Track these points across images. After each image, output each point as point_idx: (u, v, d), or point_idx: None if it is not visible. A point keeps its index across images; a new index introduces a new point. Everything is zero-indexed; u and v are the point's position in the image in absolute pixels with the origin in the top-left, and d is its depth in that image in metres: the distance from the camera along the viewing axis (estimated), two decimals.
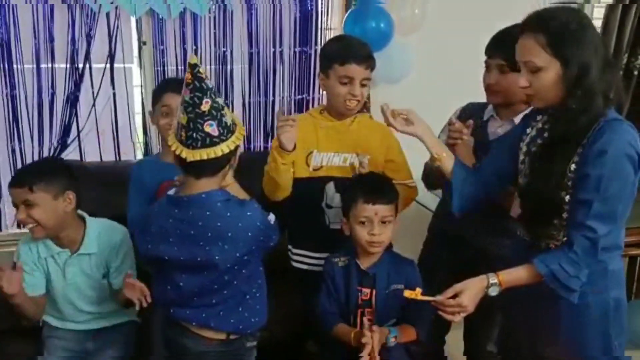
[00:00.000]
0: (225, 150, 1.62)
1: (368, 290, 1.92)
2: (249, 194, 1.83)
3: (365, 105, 2.56)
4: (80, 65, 2.75)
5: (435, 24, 2.79)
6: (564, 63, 1.53)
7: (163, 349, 1.90)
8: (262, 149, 3.10)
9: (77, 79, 2.77)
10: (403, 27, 2.87)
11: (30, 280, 2.07)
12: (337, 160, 2.08)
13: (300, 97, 3.09)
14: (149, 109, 2.37)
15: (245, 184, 1.87)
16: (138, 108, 2.96)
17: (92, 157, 2.88)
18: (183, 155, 1.61)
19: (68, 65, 2.75)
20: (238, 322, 1.75)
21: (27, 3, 2.64)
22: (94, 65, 2.78)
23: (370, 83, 2.09)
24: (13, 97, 2.73)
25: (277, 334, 2.24)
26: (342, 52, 1.99)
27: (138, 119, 2.96)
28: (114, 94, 2.85)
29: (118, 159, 2.91)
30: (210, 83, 1.62)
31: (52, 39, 2.70)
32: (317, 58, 3.01)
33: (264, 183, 2.07)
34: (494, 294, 1.66)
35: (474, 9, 2.97)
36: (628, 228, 1.72)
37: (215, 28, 2.87)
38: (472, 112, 2.16)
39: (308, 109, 3.09)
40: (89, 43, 2.73)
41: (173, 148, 1.64)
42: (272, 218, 1.76)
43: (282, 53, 3.00)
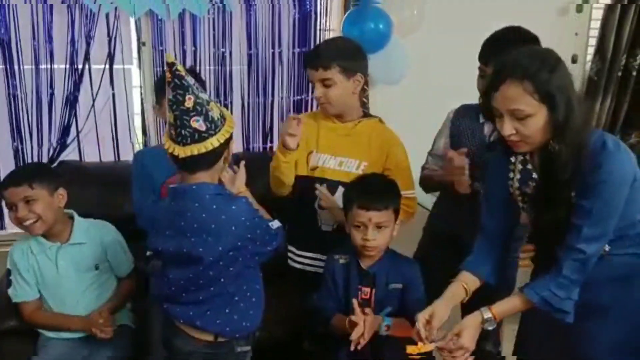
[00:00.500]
0: (215, 144, 1.63)
1: (368, 290, 1.92)
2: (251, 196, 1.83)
3: (365, 106, 2.56)
4: (80, 66, 2.77)
5: (434, 25, 2.80)
6: (551, 107, 1.52)
7: (162, 350, 1.91)
8: (261, 150, 3.12)
9: (76, 80, 2.79)
10: (402, 28, 2.88)
11: (26, 286, 2.14)
12: (332, 163, 2.09)
13: (299, 97, 3.10)
14: (153, 105, 2.37)
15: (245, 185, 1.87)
16: (137, 108, 2.97)
17: (91, 157, 2.90)
18: (175, 153, 1.62)
19: (67, 66, 2.76)
20: (225, 323, 1.73)
21: (26, 3, 2.65)
22: (94, 66, 2.80)
23: (350, 81, 2.02)
24: (14, 97, 2.75)
25: (275, 334, 2.24)
26: (304, 58, 2.10)
27: (137, 120, 2.97)
28: (114, 95, 2.87)
29: (117, 159, 2.92)
30: (191, 79, 1.62)
31: (51, 40, 2.72)
32: None
33: (270, 178, 2.13)
34: (491, 328, 1.68)
35: (472, 10, 2.99)
36: None
37: (215, 29, 2.89)
38: (466, 114, 2.16)
39: (306, 110, 3.10)
40: (89, 44, 2.75)
41: (166, 146, 1.65)
42: (274, 224, 1.76)
43: (281, 54, 3.01)
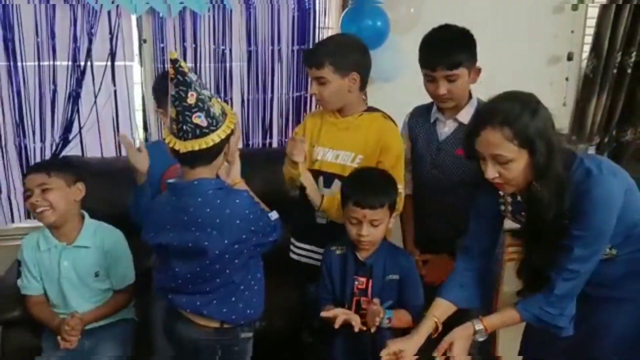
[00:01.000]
0: (216, 140, 1.66)
1: (364, 279, 1.95)
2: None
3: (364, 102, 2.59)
4: (82, 63, 2.81)
5: (431, 23, 2.82)
6: (531, 151, 1.55)
7: (163, 339, 1.95)
8: (260, 145, 3.16)
9: (78, 76, 2.83)
10: (399, 25, 2.91)
11: (34, 280, 2.17)
12: (330, 156, 2.12)
13: (298, 94, 3.14)
14: (156, 109, 2.33)
15: (244, 180, 1.89)
16: (138, 105, 3.01)
17: (93, 152, 2.94)
18: (176, 147, 1.66)
19: (70, 63, 2.81)
20: (231, 312, 1.78)
21: (29, 3, 2.69)
22: (96, 63, 2.84)
23: (345, 79, 2.04)
24: (18, 94, 2.79)
25: (275, 325, 2.28)
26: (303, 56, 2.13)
27: (138, 116, 3.01)
28: (115, 91, 2.91)
29: (119, 155, 2.96)
30: (194, 76, 1.66)
31: (54, 37, 2.76)
32: None
33: (285, 178, 2.18)
34: (482, 339, 1.72)
35: (469, 8, 3.02)
36: None
37: (215, 26, 2.93)
38: (419, 115, 2.22)
39: (305, 107, 3.15)
40: (91, 41, 2.79)
41: (167, 141, 1.69)
42: (273, 215, 1.79)
43: (280, 51, 3.05)
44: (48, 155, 2.89)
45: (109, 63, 2.86)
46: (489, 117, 1.57)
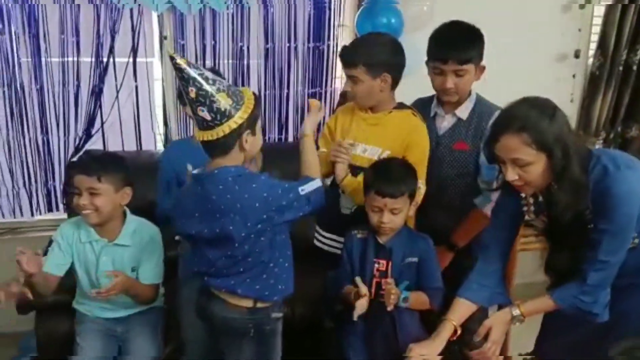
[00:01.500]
0: (220, 134, 1.71)
1: (384, 262, 2.02)
2: None
3: None
4: (105, 59, 2.89)
5: (444, 20, 2.89)
6: (549, 155, 1.62)
7: (191, 320, 2.03)
8: (276, 140, 3.23)
9: (101, 72, 2.90)
10: (412, 23, 2.98)
11: (57, 260, 2.17)
12: (358, 149, 2.15)
13: (314, 90, 3.21)
14: (174, 100, 2.44)
15: None
16: (159, 100, 3.08)
17: (114, 147, 3.00)
18: (197, 135, 1.76)
19: (93, 59, 2.88)
20: (263, 288, 1.85)
21: (55, 3, 2.77)
22: (118, 59, 2.91)
23: (377, 80, 2.06)
24: (41, 89, 2.86)
25: (297, 311, 2.36)
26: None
27: (159, 111, 3.08)
28: (136, 87, 2.98)
29: (139, 149, 3.04)
30: (195, 71, 1.68)
31: (78, 34, 2.83)
32: (330, 53, 3.16)
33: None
34: (518, 324, 1.82)
35: (481, 6, 3.08)
36: None
37: (233, 24, 3.00)
38: (420, 108, 2.24)
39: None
40: (113, 38, 2.86)
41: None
42: (307, 188, 1.80)
43: (296, 48, 3.12)
44: (71, 150, 2.96)
45: (131, 59, 2.93)
46: (508, 123, 1.64)
